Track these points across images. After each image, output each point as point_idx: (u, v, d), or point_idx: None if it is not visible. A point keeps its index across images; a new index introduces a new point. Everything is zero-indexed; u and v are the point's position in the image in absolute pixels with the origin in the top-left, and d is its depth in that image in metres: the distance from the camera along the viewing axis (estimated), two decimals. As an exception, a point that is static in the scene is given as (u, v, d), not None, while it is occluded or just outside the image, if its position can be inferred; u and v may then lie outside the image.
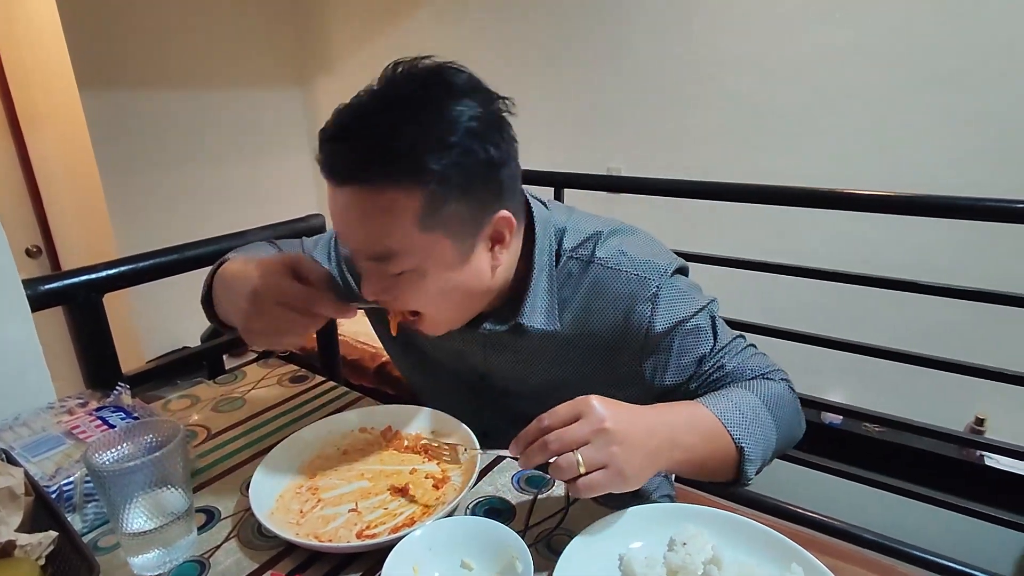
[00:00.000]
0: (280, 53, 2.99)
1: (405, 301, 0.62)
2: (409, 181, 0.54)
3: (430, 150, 0.54)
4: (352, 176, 0.56)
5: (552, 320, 0.69)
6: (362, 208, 0.56)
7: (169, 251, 1.07)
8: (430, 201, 0.55)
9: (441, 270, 0.60)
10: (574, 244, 0.70)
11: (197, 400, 0.94)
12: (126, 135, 2.41)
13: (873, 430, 1.92)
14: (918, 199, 1.25)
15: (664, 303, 0.66)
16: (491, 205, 0.60)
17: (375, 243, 0.58)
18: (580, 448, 0.52)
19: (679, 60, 2.01)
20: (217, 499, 0.69)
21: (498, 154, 0.58)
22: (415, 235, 0.56)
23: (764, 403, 0.64)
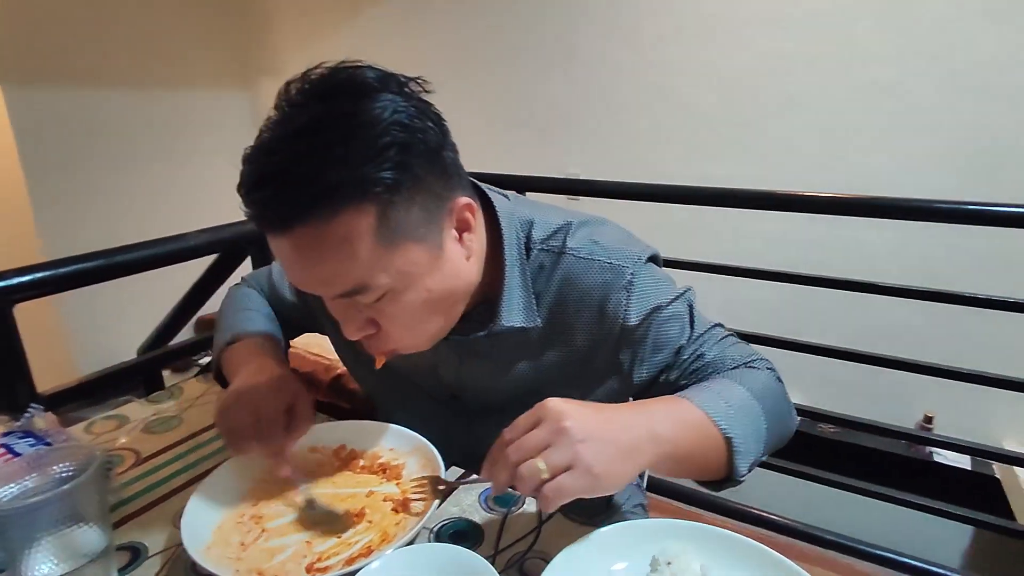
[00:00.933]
0: (224, 53, 2.86)
1: (391, 327, 0.58)
2: (356, 200, 0.49)
3: (367, 160, 0.49)
4: (293, 219, 0.49)
5: (531, 316, 0.65)
6: (315, 247, 0.51)
7: (97, 255, 0.97)
8: (384, 212, 0.51)
9: (419, 280, 0.55)
10: (543, 236, 0.67)
11: (126, 420, 0.84)
12: (55, 133, 2.25)
13: (827, 431, 1.96)
14: (869, 201, 1.27)
15: (639, 291, 0.63)
16: (444, 194, 0.56)
17: (341, 280, 0.53)
18: (542, 453, 0.47)
19: (631, 67, 2.03)
20: (144, 534, 0.61)
21: (434, 138, 0.54)
22: (380, 254, 0.52)
23: (751, 392, 0.60)
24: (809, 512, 1.52)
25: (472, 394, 0.75)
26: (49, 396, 0.92)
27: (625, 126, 2.09)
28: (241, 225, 1.14)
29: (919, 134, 1.68)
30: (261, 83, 2.96)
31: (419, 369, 0.76)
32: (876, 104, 1.71)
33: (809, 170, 1.84)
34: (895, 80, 1.67)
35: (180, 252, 1.06)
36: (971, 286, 1.22)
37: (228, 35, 2.85)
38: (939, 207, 1.16)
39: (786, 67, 1.80)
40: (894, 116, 1.70)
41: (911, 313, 1.70)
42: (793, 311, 1.85)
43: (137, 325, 1.72)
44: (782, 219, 1.60)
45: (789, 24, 1.77)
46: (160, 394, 0.93)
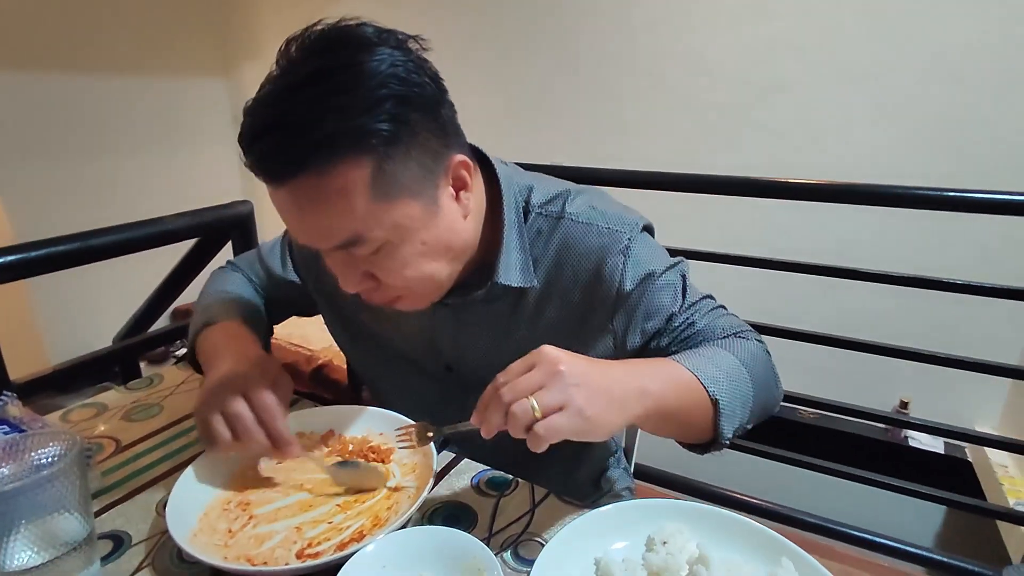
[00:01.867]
0: (204, 39, 2.78)
1: (389, 281, 0.58)
2: (352, 152, 0.50)
3: (364, 111, 0.49)
4: (292, 169, 0.50)
5: (528, 277, 0.66)
6: (313, 198, 0.51)
7: (70, 239, 0.93)
8: (380, 165, 0.51)
9: (414, 234, 0.56)
10: (542, 200, 0.68)
11: (104, 408, 0.82)
12: (28, 121, 2.16)
13: (807, 416, 1.99)
14: (847, 187, 1.27)
15: (635, 257, 0.65)
16: (441, 151, 0.56)
17: (338, 231, 0.53)
18: (535, 394, 0.48)
19: (618, 54, 2.02)
20: (127, 522, 0.60)
21: (432, 93, 0.54)
22: (376, 207, 0.52)
23: (740, 360, 0.61)
24: (789, 496, 1.55)
25: (467, 365, 0.74)
26: (22, 384, 0.88)
27: (611, 113, 2.08)
28: (222, 209, 1.10)
29: (900, 121, 1.70)
30: (242, 69, 2.89)
31: (415, 341, 0.75)
32: (860, 91, 1.73)
33: (793, 155, 1.86)
34: (878, 67, 1.69)
35: (158, 236, 1.02)
36: (947, 272, 1.24)
37: (208, 20, 2.77)
38: (918, 194, 1.17)
39: (772, 54, 1.80)
40: (877, 103, 1.72)
41: (888, 299, 1.74)
42: (772, 297, 1.87)
43: (113, 313, 1.67)
44: (761, 205, 1.61)
45: (775, 11, 1.77)
46: (139, 381, 0.90)
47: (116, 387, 0.89)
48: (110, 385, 0.90)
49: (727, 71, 1.88)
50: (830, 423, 1.95)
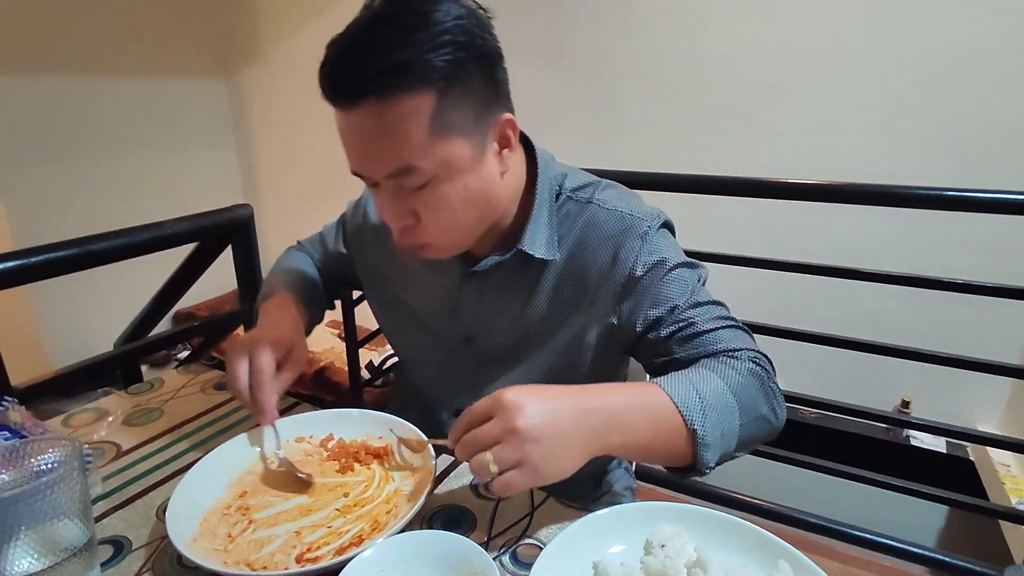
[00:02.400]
0: (202, 40, 2.78)
1: (429, 218, 0.62)
2: (416, 83, 0.55)
3: (429, 49, 0.55)
4: (362, 92, 0.56)
5: (552, 250, 0.70)
6: (377, 123, 0.57)
7: (71, 244, 0.94)
8: (439, 101, 0.56)
9: (460, 175, 0.61)
10: (574, 186, 0.73)
11: (105, 413, 0.82)
12: (26, 124, 2.17)
13: (809, 416, 1.99)
14: (849, 187, 1.28)
15: (652, 243, 0.68)
16: (493, 104, 0.62)
17: (395, 158, 0.58)
18: (493, 448, 0.50)
19: (617, 55, 2.02)
20: (127, 527, 0.60)
21: (491, 48, 0.61)
22: (431, 140, 0.57)
23: (728, 386, 0.60)
24: (791, 496, 1.55)
25: (486, 337, 0.77)
26: (23, 389, 0.88)
27: (612, 115, 2.08)
28: (222, 213, 1.11)
29: (902, 122, 1.70)
30: (242, 71, 2.89)
31: (440, 312, 0.79)
32: (862, 92, 1.72)
33: (794, 156, 1.85)
34: (878, 68, 1.69)
35: (157, 241, 1.03)
36: (949, 272, 1.24)
37: (208, 22, 2.78)
38: (920, 193, 1.17)
39: (771, 55, 1.80)
40: (879, 104, 1.71)
41: (890, 298, 1.73)
42: (773, 298, 1.86)
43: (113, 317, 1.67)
44: (763, 206, 1.61)
45: (775, 12, 1.77)
46: (140, 386, 0.90)
47: (117, 392, 0.89)
48: (111, 389, 0.90)
49: (729, 72, 1.87)
50: (832, 423, 1.94)
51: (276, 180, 3.02)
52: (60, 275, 0.90)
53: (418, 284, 0.80)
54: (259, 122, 2.95)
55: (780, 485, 1.83)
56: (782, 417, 0.66)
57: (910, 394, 1.85)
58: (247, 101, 2.94)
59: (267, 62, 2.81)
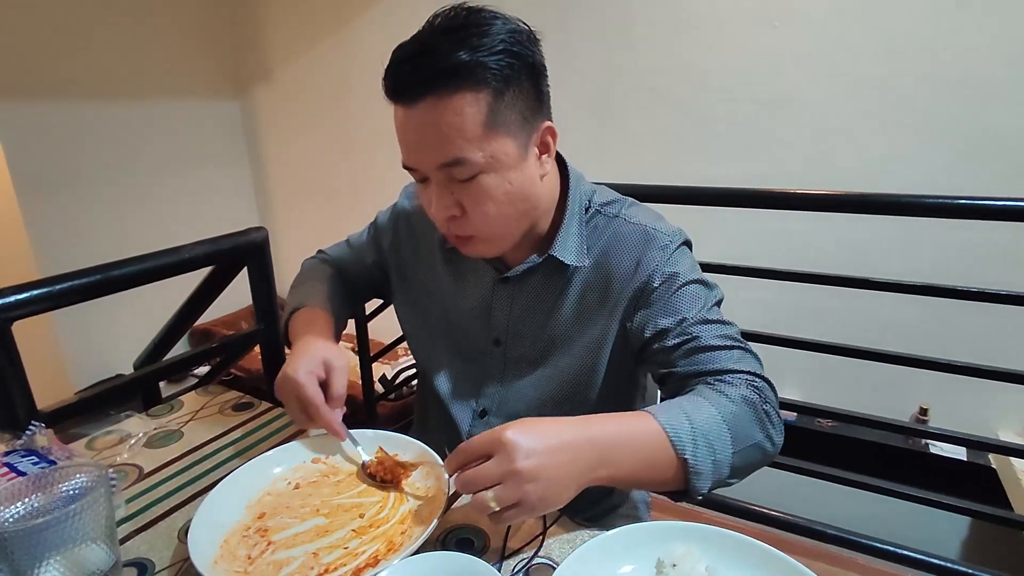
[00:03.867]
0: (215, 63, 2.85)
1: (473, 212, 0.67)
2: (475, 83, 0.62)
3: (489, 54, 0.62)
4: (426, 88, 0.62)
5: (581, 257, 0.75)
6: (437, 117, 0.62)
7: (91, 271, 0.96)
8: (493, 100, 0.63)
9: (505, 170, 0.66)
10: (603, 201, 0.79)
11: (127, 435, 0.84)
12: (46, 149, 2.23)
13: (825, 425, 1.97)
14: (859, 198, 1.28)
15: (673, 257, 0.73)
16: (537, 112, 0.68)
17: (450, 149, 0.63)
18: (494, 488, 0.52)
19: (621, 68, 2.03)
20: (150, 549, 0.62)
21: (539, 62, 0.67)
22: (483, 135, 0.63)
23: (721, 415, 0.61)
24: (808, 507, 1.53)
25: (514, 339, 0.81)
26: (49, 413, 0.91)
27: (617, 127, 2.09)
28: (238, 236, 1.13)
29: (908, 130, 1.69)
30: (253, 91, 2.95)
31: (472, 314, 0.83)
32: (865, 100, 1.72)
33: (800, 167, 1.85)
34: (882, 76, 1.69)
35: (176, 265, 1.05)
36: (963, 280, 1.23)
37: (219, 44, 2.84)
38: (929, 202, 1.17)
39: (775, 65, 1.81)
40: (882, 112, 1.71)
41: (905, 308, 1.72)
42: (787, 308, 1.86)
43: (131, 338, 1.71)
44: (775, 217, 1.61)
45: (777, 23, 1.78)
46: (160, 408, 0.93)
47: (138, 414, 0.91)
48: (132, 412, 0.92)
49: (732, 84, 1.88)
50: (849, 431, 1.92)
51: (289, 197, 3.07)
52: (85, 301, 0.93)
53: (452, 289, 0.85)
54: (271, 141, 3.01)
55: (798, 496, 1.81)
56: (778, 442, 0.66)
57: (928, 401, 1.83)
58: (259, 121, 3.00)
59: (278, 82, 2.87)
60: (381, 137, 2.65)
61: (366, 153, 2.70)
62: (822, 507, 1.71)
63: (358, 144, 2.71)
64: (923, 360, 1.26)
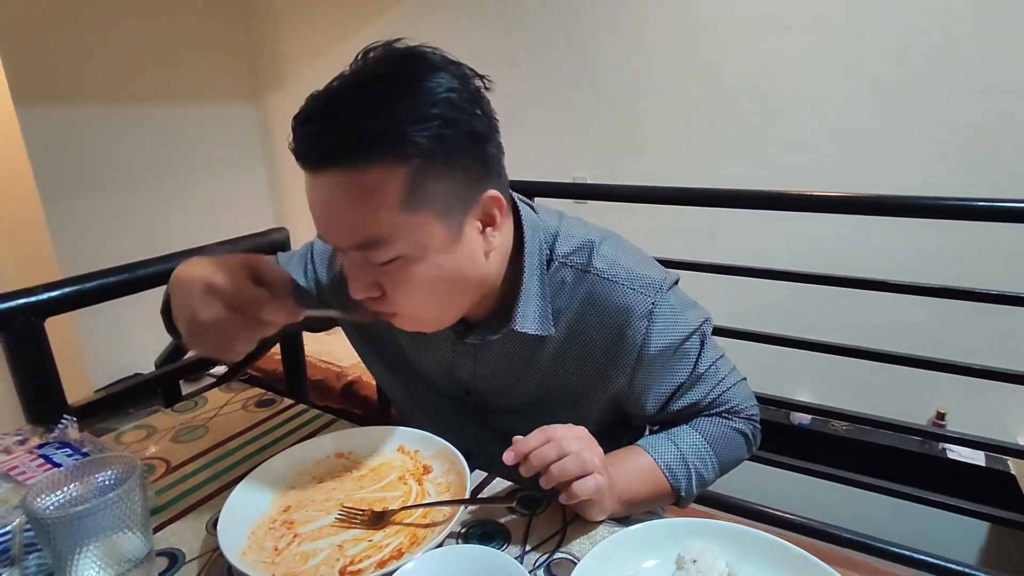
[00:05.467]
0: (231, 67, 2.90)
1: (396, 294, 0.58)
2: (392, 157, 0.52)
3: (411, 122, 0.52)
4: (331, 158, 0.53)
5: (547, 326, 0.67)
6: (344, 192, 0.53)
7: (117, 270, 0.99)
8: (415, 177, 0.53)
9: (432, 254, 0.57)
10: (567, 251, 0.68)
11: (154, 430, 0.86)
12: (69, 152, 2.29)
13: (840, 428, 1.96)
14: (877, 200, 1.27)
15: (660, 322, 0.67)
16: (478, 182, 0.58)
17: (361, 229, 0.54)
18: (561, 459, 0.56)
19: (636, 70, 2.04)
20: (180, 540, 0.63)
21: (481, 127, 0.57)
22: (402, 216, 0.54)
23: (707, 441, 0.71)
24: (823, 510, 1.52)
25: (484, 395, 0.77)
26: (77, 408, 0.93)
27: (632, 129, 2.10)
28: (260, 237, 1.16)
29: (925, 131, 1.69)
30: (269, 96, 3.00)
31: (435, 368, 0.78)
32: (882, 102, 1.72)
33: (817, 169, 1.85)
34: (899, 77, 1.68)
35: (200, 265, 1.08)
36: (981, 282, 1.22)
37: (236, 49, 2.89)
38: (947, 204, 1.16)
39: (791, 67, 1.81)
40: (900, 114, 1.71)
41: (922, 310, 1.71)
42: (804, 310, 1.85)
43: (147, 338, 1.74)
44: (791, 219, 1.61)
45: (792, 24, 1.78)
46: (184, 404, 0.95)
47: (163, 410, 0.93)
48: (158, 407, 0.94)
49: (747, 86, 1.88)
50: (864, 435, 1.91)
51: (304, 199, 3.10)
52: (111, 299, 0.95)
53: (408, 338, 0.76)
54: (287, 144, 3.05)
55: (812, 499, 1.80)
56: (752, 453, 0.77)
57: (945, 405, 1.81)
58: (275, 124, 3.04)
59: (293, 86, 2.91)
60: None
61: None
62: (837, 510, 1.70)
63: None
64: (941, 363, 1.25)
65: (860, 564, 1.65)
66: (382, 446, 0.75)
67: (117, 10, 2.37)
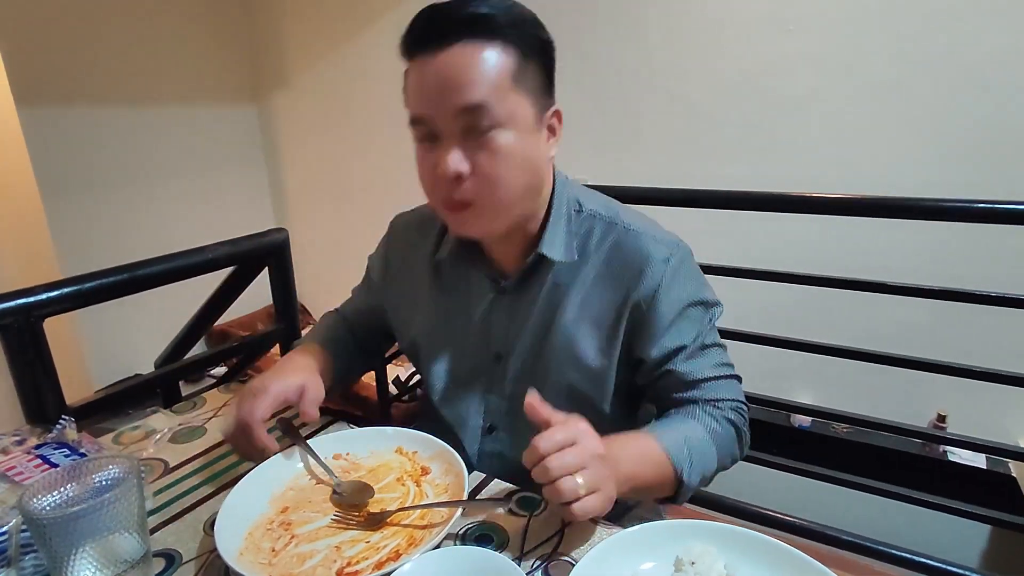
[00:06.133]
0: (233, 68, 2.90)
1: (485, 165, 0.65)
2: (506, 39, 0.63)
3: (520, 21, 0.65)
4: (460, 33, 0.62)
5: (570, 253, 0.74)
6: (467, 61, 0.62)
7: (117, 270, 0.99)
8: (522, 62, 0.64)
9: (521, 130, 0.65)
10: (594, 206, 0.77)
11: (152, 431, 0.86)
12: (70, 152, 2.28)
13: (841, 430, 1.95)
14: (877, 201, 1.27)
15: (678, 273, 0.73)
16: (549, 93, 0.69)
17: (476, 92, 0.62)
18: (578, 472, 0.54)
19: (638, 71, 2.04)
20: (177, 541, 0.63)
21: (553, 53, 0.69)
22: (509, 89, 0.63)
23: (709, 434, 0.71)
24: (823, 513, 1.52)
25: (515, 354, 0.79)
26: (75, 408, 0.93)
27: (631, 130, 2.10)
28: (260, 237, 1.15)
29: (926, 133, 1.68)
30: (271, 97, 3.00)
31: (471, 330, 0.82)
32: (882, 103, 1.71)
33: (817, 171, 1.84)
34: (900, 79, 1.68)
35: (200, 265, 1.08)
36: (982, 284, 1.22)
37: (237, 50, 2.89)
38: (948, 206, 1.16)
39: (791, 69, 1.80)
40: (900, 115, 1.70)
41: (923, 312, 1.70)
42: (804, 312, 1.85)
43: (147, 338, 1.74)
44: (791, 220, 1.60)
45: (793, 26, 1.78)
46: (183, 405, 0.95)
47: (162, 410, 0.93)
48: (157, 408, 0.94)
49: (748, 87, 1.88)
50: (865, 437, 1.90)
51: (305, 199, 3.11)
52: (111, 299, 0.95)
53: (448, 305, 0.83)
54: (288, 144, 3.05)
55: (813, 501, 1.79)
56: (744, 453, 0.78)
57: (946, 407, 1.80)
58: (277, 124, 3.04)
59: (295, 87, 2.91)
60: (397, 140, 2.68)
61: (381, 156, 2.73)
62: (837, 513, 1.70)
63: (374, 147, 2.74)
64: (941, 365, 1.25)
65: (860, 567, 1.65)
66: (380, 447, 0.75)
67: (117, 10, 2.37)
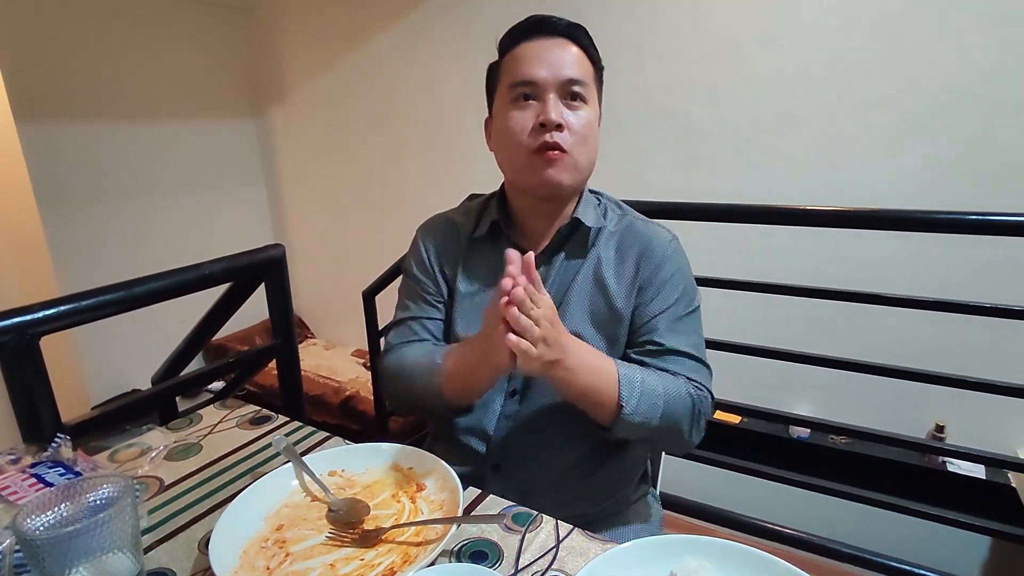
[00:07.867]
0: (232, 84, 2.93)
1: (575, 125, 0.81)
2: (589, 51, 0.84)
3: (593, 42, 0.86)
4: (568, 32, 0.82)
5: (599, 220, 0.88)
6: (571, 50, 0.82)
7: (116, 287, 0.99)
8: (595, 71, 0.85)
9: (594, 114, 0.84)
10: (608, 200, 0.94)
11: (148, 448, 0.86)
12: (68, 168, 2.30)
13: (839, 442, 1.95)
14: (871, 213, 1.28)
15: (678, 251, 0.87)
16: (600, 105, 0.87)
17: (580, 72, 0.81)
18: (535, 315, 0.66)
19: (630, 85, 2.06)
20: (172, 559, 0.63)
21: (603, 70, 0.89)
22: (592, 83, 0.83)
23: (665, 392, 0.76)
24: (822, 525, 1.51)
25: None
26: (71, 426, 0.93)
27: (624, 144, 2.12)
28: (256, 253, 1.16)
29: (917, 146, 1.70)
30: (268, 111, 3.02)
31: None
32: (873, 117, 1.73)
33: (810, 184, 1.86)
34: (891, 93, 1.70)
35: (196, 281, 1.08)
36: (977, 295, 1.22)
37: (236, 65, 2.92)
38: (940, 218, 1.17)
39: (783, 83, 1.83)
40: (892, 129, 1.72)
41: (919, 323, 1.71)
42: (801, 324, 1.85)
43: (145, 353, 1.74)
44: (786, 233, 1.61)
45: (785, 41, 1.80)
46: (179, 422, 0.94)
47: (158, 427, 0.93)
48: (153, 425, 0.94)
49: (741, 101, 1.90)
50: (863, 448, 1.90)
51: (303, 214, 3.12)
52: (108, 316, 0.95)
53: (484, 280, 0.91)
54: (287, 159, 3.07)
55: (811, 514, 1.78)
56: (695, 442, 0.82)
57: (944, 418, 1.80)
58: (275, 140, 3.06)
59: (293, 103, 2.93)
60: (396, 156, 2.70)
61: (380, 172, 2.75)
62: (836, 525, 1.69)
63: (372, 163, 2.76)
64: (939, 376, 1.25)
65: (861, 580, 1.64)
66: (376, 464, 0.75)
67: (117, 26, 2.40)
